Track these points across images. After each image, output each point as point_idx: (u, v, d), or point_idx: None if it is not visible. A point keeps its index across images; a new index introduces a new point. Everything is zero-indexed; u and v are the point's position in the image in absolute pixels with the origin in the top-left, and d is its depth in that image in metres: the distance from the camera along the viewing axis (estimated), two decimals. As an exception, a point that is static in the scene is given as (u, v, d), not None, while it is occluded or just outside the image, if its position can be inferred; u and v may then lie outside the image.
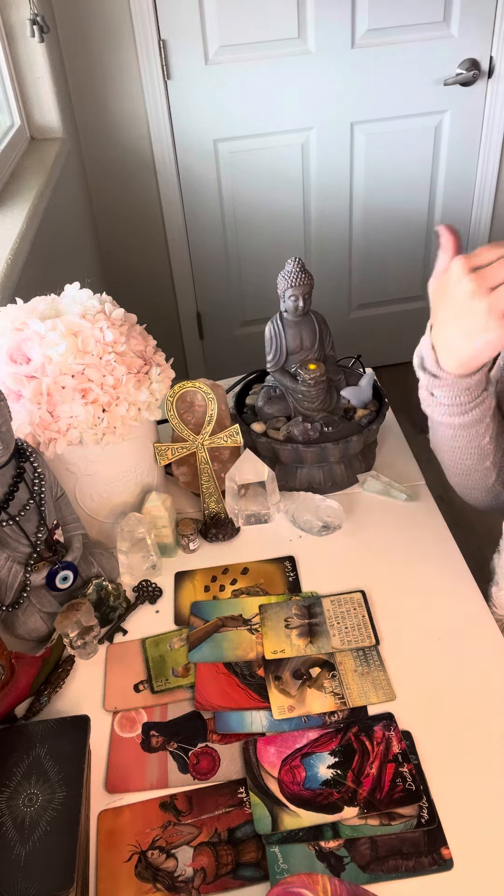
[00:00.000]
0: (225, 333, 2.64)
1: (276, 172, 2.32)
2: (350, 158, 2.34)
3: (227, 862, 0.63)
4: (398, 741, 0.71)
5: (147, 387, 0.87)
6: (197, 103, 2.17)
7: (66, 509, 0.88)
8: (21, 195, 1.48)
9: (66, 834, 0.59)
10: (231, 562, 0.94)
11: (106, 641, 0.84)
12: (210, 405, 0.94)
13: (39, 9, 1.72)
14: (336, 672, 0.78)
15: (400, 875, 0.62)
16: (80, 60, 2.06)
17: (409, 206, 2.47)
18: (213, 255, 2.46)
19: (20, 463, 0.80)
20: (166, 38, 2.06)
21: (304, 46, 2.13)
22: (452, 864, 0.62)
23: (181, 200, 2.33)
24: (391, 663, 0.79)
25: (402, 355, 2.87)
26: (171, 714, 0.76)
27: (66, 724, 0.68)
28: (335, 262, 2.55)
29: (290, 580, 0.90)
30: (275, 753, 0.71)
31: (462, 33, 2.17)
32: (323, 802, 0.66)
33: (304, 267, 0.97)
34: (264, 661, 0.80)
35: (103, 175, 2.25)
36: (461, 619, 0.83)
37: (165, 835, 0.66)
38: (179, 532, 0.95)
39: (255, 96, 2.18)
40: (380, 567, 0.91)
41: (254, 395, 1.10)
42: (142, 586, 0.90)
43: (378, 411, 1.04)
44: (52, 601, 0.84)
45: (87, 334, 0.83)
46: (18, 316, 0.86)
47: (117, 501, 0.93)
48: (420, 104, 2.27)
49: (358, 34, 2.13)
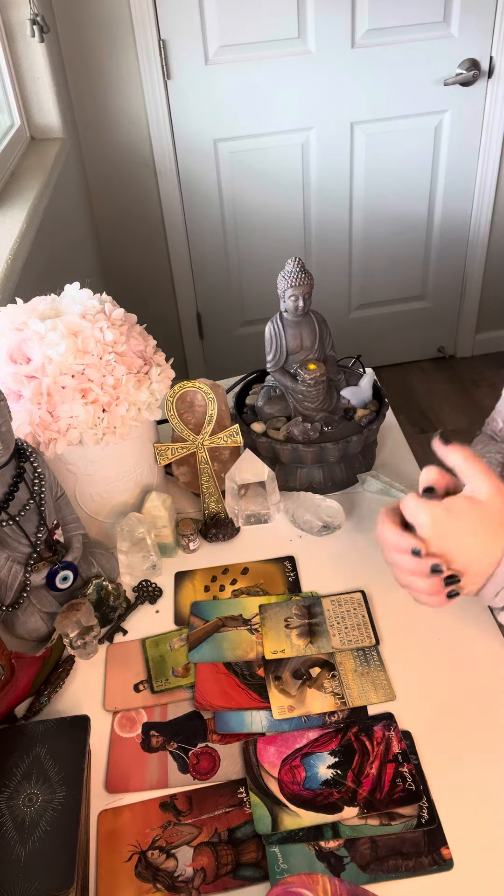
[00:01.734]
0: (225, 333, 2.64)
1: (276, 172, 2.32)
2: (350, 158, 2.34)
3: (227, 862, 0.63)
4: (398, 741, 0.71)
5: (147, 387, 0.87)
6: (197, 103, 2.17)
7: (66, 509, 0.88)
8: (21, 195, 1.48)
9: (66, 834, 0.59)
10: (231, 562, 0.94)
11: (106, 641, 0.84)
12: (210, 405, 0.94)
13: (39, 9, 1.72)
14: (336, 672, 0.78)
15: (400, 875, 0.62)
16: (80, 60, 2.06)
17: (409, 206, 2.47)
18: (214, 255, 2.46)
19: (20, 463, 0.80)
20: (166, 38, 2.06)
21: (304, 46, 2.13)
22: (452, 864, 0.62)
23: (181, 200, 2.33)
24: (391, 663, 0.79)
25: (402, 355, 2.87)
26: (171, 714, 0.76)
27: (66, 724, 0.68)
28: (335, 261, 2.55)
29: (290, 580, 0.90)
30: (275, 753, 0.71)
31: (462, 33, 2.17)
32: (323, 802, 0.66)
33: (304, 267, 0.97)
34: (264, 661, 0.80)
35: (103, 175, 2.25)
36: (461, 620, 0.83)
37: (165, 835, 0.66)
38: (179, 532, 0.95)
39: (255, 96, 2.18)
40: (380, 567, 0.90)
41: (254, 395, 1.10)
42: (142, 586, 0.90)
43: (378, 411, 1.04)
44: (52, 601, 0.84)
45: (87, 334, 0.83)
46: (18, 316, 0.86)
47: (117, 501, 0.93)
48: (420, 104, 2.27)
49: (358, 34, 2.13)
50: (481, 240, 2.57)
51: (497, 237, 2.58)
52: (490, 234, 2.57)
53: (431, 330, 2.82)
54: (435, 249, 2.58)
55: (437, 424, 2.60)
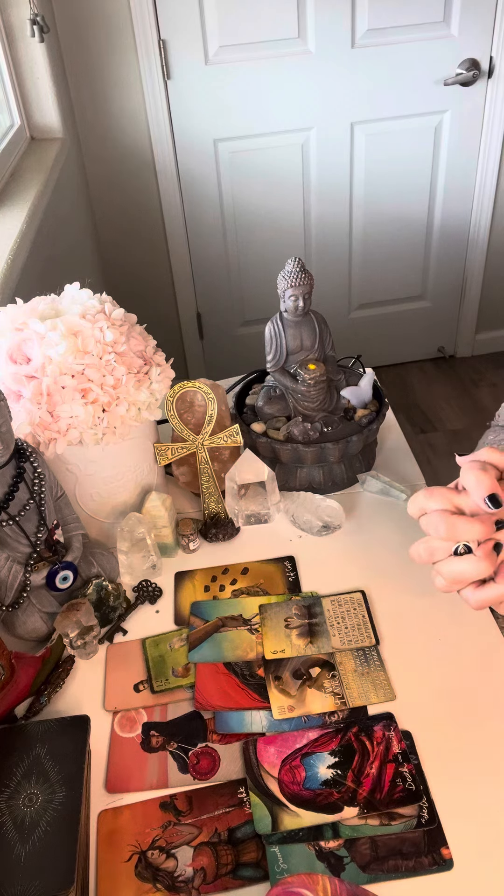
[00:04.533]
0: (225, 333, 2.64)
1: (276, 172, 2.33)
2: (350, 158, 2.34)
3: (227, 862, 0.63)
4: (398, 741, 0.71)
5: (147, 387, 0.87)
6: (197, 103, 2.17)
7: (66, 509, 0.88)
8: (21, 195, 1.48)
9: (66, 834, 0.59)
10: (231, 562, 0.94)
11: (106, 641, 0.84)
12: (210, 405, 0.94)
13: (39, 9, 1.72)
14: (336, 672, 0.78)
15: (400, 875, 0.61)
16: (80, 60, 2.06)
17: (409, 206, 2.47)
18: (214, 255, 2.46)
19: (20, 463, 0.80)
20: (166, 38, 2.06)
21: (304, 46, 2.13)
22: (452, 864, 0.62)
23: (181, 200, 2.33)
24: (391, 663, 0.79)
25: (402, 355, 2.87)
26: (171, 714, 0.76)
27: (66, 724, 0.68)
28: (335, 261, 2.55)
29: (290, 580, 0.90)
30: (275, 753, 0.71)
31: (462, 33, 2.17)
32: (323, 802, 0.66)
33: (304, 267, 0.97)
34: (264, 661, 0.80)
35: (103, 175, 2.25)
36: (461, 619, 0.83)
37: (165, 835, 0.66)
38: (179, 532, 0.95)
39: (255, 96, 2.18)
40: (380, 567, 0.91)
41: (254, 395, 1.10)
42: (142, 586, 0.90)
43: (378, 411, 1.04)
44: (52, 601, 0.84)
45: (87, 334, 0.83)
46: (18, 316, 0.86)
47: (117, 501, 0.93)
48: (420, 104, 2.27)
49: (358, 34, 2.13)
50: (481, 240, 2.57)
51: (497, 237, 2.58)
52: (490, 234, 2.57)
53: (431, 330, 2.82)
54: (435, 249, 2.58)
55: (437, 424, 2.60)
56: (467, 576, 0.59)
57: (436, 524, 0.58)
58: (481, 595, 0.59)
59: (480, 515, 0.58)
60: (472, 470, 0.58)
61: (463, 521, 0.57)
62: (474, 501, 0.58)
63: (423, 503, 0.60)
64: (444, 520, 0.58)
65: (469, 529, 0.57)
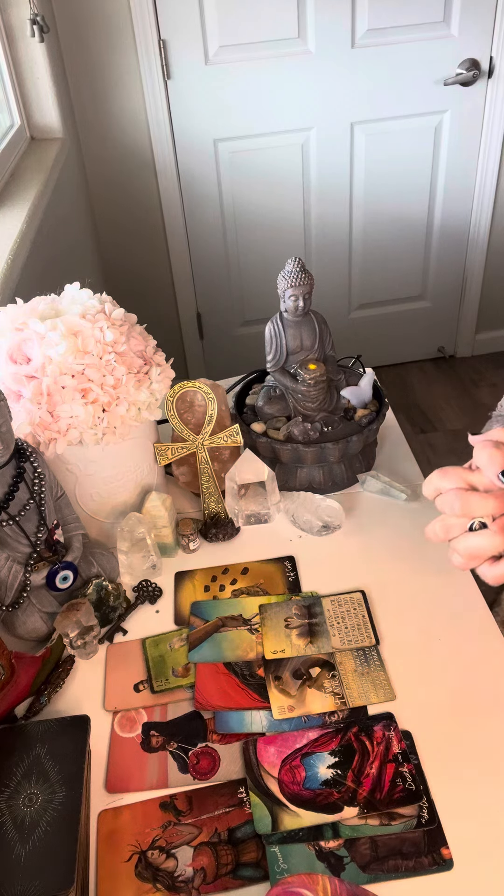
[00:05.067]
0: (225, 333, 2.64)
1: (276, 172, 2.33)
2: (350, 158, 2.34)
3: (227, 862, 0.63)
4: (398, 741, 0.71)
5: (147, 387, 0.87)
6: (197, 103, 2.17)
7: (66, 509, 0.88)
8: (21, 195, 1.48)
9: (66, 834, 0.59)
10: (231, 562, 0.94)
11: (106, 641, 0.84)
12: (210, 405, 0.94)
13: (39, 9, 1.72)
14: (336, 672, 0.78)
15: (400, 875, 0.62)
16: (80, 60, 2.06)
17: (409, 206, 2.47)
18: (214, 255, 2.46)
19: (20, 463, 0.80)
20: (166, 38, 2.06)
21: (304, 46, 2.13)
22: (452, 864, 0.62)
23: (181, 200, 2.33)
24: (391, 663, 0.79)
25: (402, 355, 2.87)
26: (171, 714, 0.76)
27: (66, 724, 0.68)
28: (335, 261, 2.55)
29: (290, 580, 0.90)
30: (275, 753, 0.71)
31: (462, 33, 2.17)
32: (323, 802, 0.66)
33: (304, 267, 0.97)
34: (264, 661, 0.80)
35: (103, 175, 2.25)
36: (461, 619, 0.83)
37: (165, 835, 0.66)
38: (179, 532, 0.95)
39: (255, 96, 2.18)
40: (380, 567, 0.91)
41: (254, 395, 1.10)
42: (142, 586, 0.90)
43: (378, 411, 1.04)
44: (52, 601, 0.84)
45: (87, 334, 0.83)
46: (18, 316, 0.86)
47: (117, 501, 0.93)
48: (420, 104, 2.27)
49: (358, 34, 2.13)
50: (481, 240, 2.57)
51: (497, 237, 2.58)
52: (490, 234, 2.57)
53: (431, 330, 2.82)
54: (435, 249, 2.58)
55: (437, 424, 2.60)
56: (483, 551, 0.59)
57: (451, 502, 0.59)
58: (497, 570, 0.60)
59: (494, 491, 0.58)
60: (485, 447, 0.58)
61: (477, 496, 0.58)
62: (488, 478, 0.59)
63: (438, 483, 0.61)
64: (458, 497, 0.58)
65: (483, 505, 0.58)
